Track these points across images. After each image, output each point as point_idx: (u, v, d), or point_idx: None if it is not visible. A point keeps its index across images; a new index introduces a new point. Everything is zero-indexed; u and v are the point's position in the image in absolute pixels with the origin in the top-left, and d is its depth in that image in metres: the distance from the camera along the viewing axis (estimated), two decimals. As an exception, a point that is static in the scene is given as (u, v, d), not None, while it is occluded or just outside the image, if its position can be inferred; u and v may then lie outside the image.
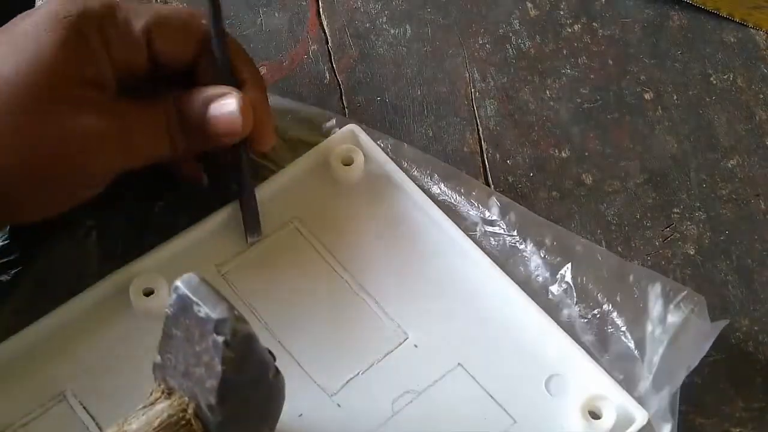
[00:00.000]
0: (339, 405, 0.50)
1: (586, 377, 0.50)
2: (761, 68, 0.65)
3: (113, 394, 0.49)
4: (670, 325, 0.51)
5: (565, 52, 0.65)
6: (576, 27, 0.67)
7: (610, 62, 0.65)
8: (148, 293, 0.51)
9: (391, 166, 0.57)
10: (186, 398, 0.43)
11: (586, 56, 0.65)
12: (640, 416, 0.49)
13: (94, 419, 0.48)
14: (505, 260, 0.55)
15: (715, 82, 0.64)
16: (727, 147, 0.61)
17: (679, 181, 0.60)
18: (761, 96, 0.63)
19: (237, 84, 0.53)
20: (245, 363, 0.42)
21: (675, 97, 0.63)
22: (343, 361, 0.51)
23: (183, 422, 0.43)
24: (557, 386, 0.51)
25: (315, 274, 0.54)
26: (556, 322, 0.52)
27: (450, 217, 0.56)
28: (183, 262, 0.53)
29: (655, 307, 0.52)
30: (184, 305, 0.42)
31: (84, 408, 0.49)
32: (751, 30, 0.66)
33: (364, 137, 0.57)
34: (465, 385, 0.50)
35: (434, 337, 0.52)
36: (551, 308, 0.53)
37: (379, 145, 0.58)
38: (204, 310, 0.41)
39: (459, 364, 0.51)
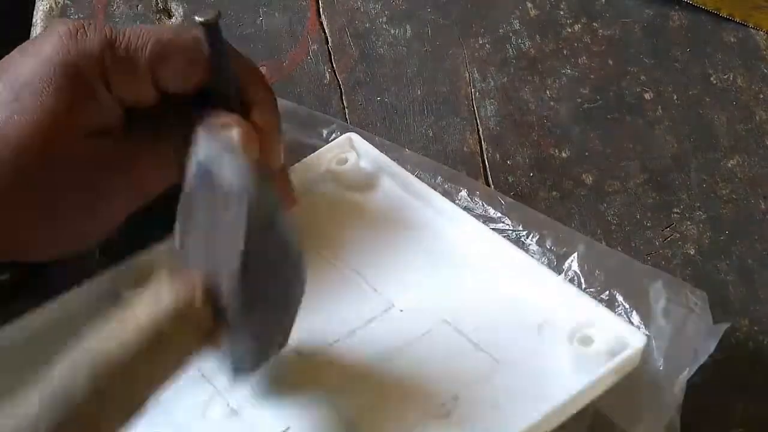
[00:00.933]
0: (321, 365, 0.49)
1: (579, 315, 0.49)
2: (761, 68, 0.65)
3: None
4: (674, 319, 0.51)
5: (565, 52, 0.65)
6: (576, 27, 0.67)
7: (610, 62, 0.65)
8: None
9: (390, 165, 0.57)
10: (193, 287, 0.41)
11: (587, 56, 0.65)
12: (637, 339, 0.47)
13: None
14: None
15: (715, 82, 0.64)
16: (727, 147, 0.61)
17: (679, 181, 0.60)
18: (761, 96, 0.63)
19: (245, 107, 0.50)
20: (269, 237, 0.40)
21: (675, 97, 0.63)
22: (325, 329, 0.50)
23: (191, 311, 0.41)
24: (550, 331, 0.49)
25: (309, 267, 0.54)
26: None
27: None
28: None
29: (659, 301, 0.52)
30: (204, 174, 0.40)
31: None
32: (752, 30, 0.66)
33: (360, 142, 0.57)
34: (451, 338, 0.49)
35: (420, 302, 0.51)
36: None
37: (381, 151, 0.58)
38: (226, 177, 0.39)
39: (445, 320, 0.50)
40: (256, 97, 0.51)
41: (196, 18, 0.48)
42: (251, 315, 0.41)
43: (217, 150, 0.40)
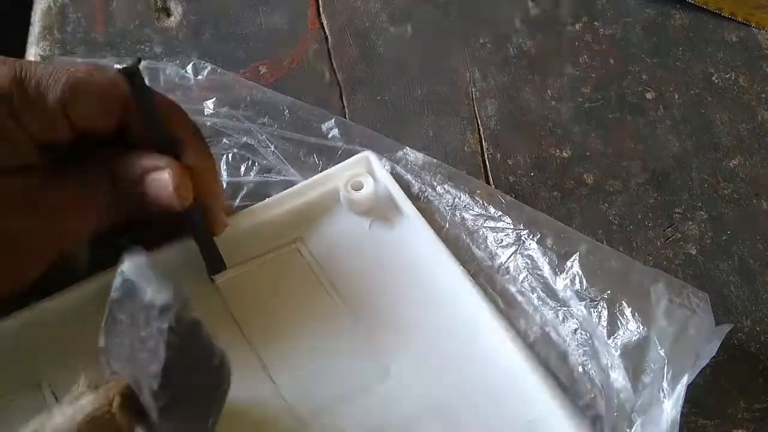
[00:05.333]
0: None
1: (566, 427, 0.49)
2: (763, 68, 0.65)
3: None
4: (676, 320, 0.51)
5: (566, 51, 0.65)
6: (577, 26, 0.66)
7: (612, 61, 0.65)
8: None
9: (401, 197, 0.56)
10: (112, 393, 0.43)
11: (588, 55, 0.65)
12: None
13: None
14: (512, 252, 0.54)
15: (716, 81, 0.64)
16: (728, 146, 0.61)
17: (680, 181, 0.60)
18: (763, 95, 0.63)
19: (175, 148, 0.49)
20: (189, 349, 0.42)
21: (676, 97, 0.63)
22: (321, 388, 0.50)
23: (108, 416, 0.42)
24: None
25: (308, 297, 0.53)
26: (564, 311, 0.52)
27: (455, 215, 0.56)
28: (178, 270, 0.52)
29: (661, 302, 0.52)
30: (128, 289, 0.42)
31: (57, 400, 0.48)
32: (753, 29, 0.66)
33: (377, 165, 0.56)
34: (441, 428, 0.49)
35: (417, 375, 0.51)
36: (558, 297, 0.53)
37: (380, 148, 0.58)
38: (150, 294, 0.41)
39: (438, 405, 0.50)
40: (184, 137, 0.49)
41: (116, 66, 0.46)
42: (171, 420, 0.43)
43: (142, 266, 0.42)
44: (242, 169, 0.58)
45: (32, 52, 0.64)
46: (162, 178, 0.48)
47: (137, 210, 0.50)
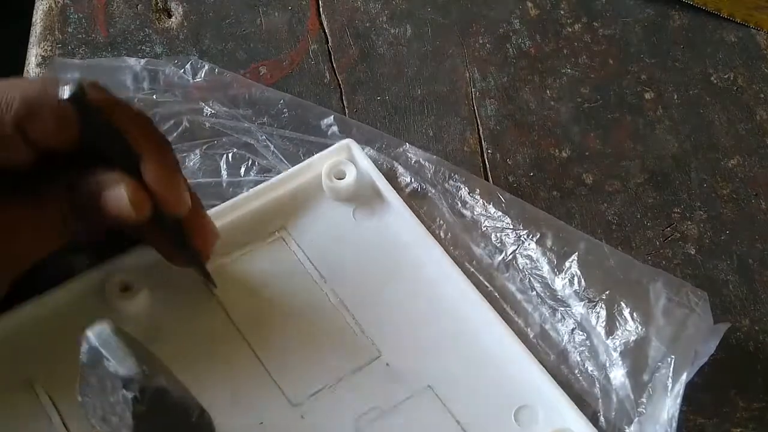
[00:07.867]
0: (302, 416, 0.49)
1: (556, 411, 0.49)
2: (762, 68, 0.65)
3: None
4: (675, 318, 0.51)
5: (565, 51, 0.65)
6: (576, 26, 0.67)
7: (611, 62, 0.65)
8: (125, 289, 0.51)
9: (383, 183, 0.56)
10: None
11: (587, 56, 0.65)
12: None
13: (58, 411, 0.48)
14: (511, 252, 0.55)
15: (715, 81, 0.64)
16: (727, 146, 0.61)
17: (679, 181, 0.60)
18: (762, 95, 0.63)
19: (134, 163, 0.47)
20: (158, 414, 0.42)
21: (675, 97, 0.63)
22: (313, 372, 0.50)
23: None
24: (526, 417, 0.50)
25: (296, 285, 0.53)
26: (563, 310, 0.52)
27: (454, 214, 0.56)
28: (165, 263, 0.52)
29: (660, 300, 0.52)
30: (95, 357, 0.42)
31: (50, 398, 0.48)
32: (752, 30, 0.66)
33: (358, 152, 0.57)
34: (432, 408, 0.49)
35: (407, 357, 0.51)
36: (557, 297, 0.53)
37: (380, 146, 0.58)
38: (113, 365, 0.42)
39: (429, 386, 0.50)
40: (142, 146, 0.47)
41: (60, 96, 0.44)
42: None
43: (107, 333, 0.42)
44: (242, 169, 0.58)
45: (33, 53, 0.64)
46: (118, 193, 0.47)
47: (95, 226, 0.49)
